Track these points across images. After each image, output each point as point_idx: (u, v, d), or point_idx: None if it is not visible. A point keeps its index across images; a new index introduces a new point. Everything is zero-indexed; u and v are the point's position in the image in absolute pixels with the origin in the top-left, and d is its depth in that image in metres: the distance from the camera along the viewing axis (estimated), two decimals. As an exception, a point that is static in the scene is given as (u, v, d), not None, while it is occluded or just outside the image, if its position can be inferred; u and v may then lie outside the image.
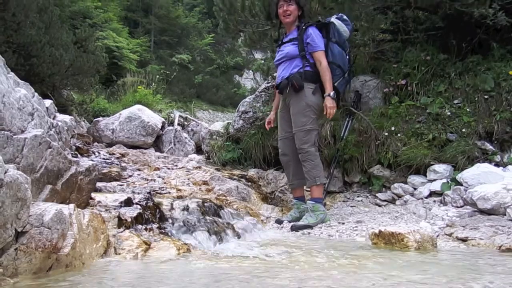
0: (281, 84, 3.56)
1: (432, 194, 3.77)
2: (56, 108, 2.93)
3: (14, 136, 2.13)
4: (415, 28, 4.60)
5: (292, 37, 3.56)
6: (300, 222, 3.35)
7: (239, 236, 2.97)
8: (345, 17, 3.66)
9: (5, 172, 1.60)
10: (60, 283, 1.63)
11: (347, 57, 3.64)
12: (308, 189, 3.56)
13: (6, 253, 1.64)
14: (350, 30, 3.69)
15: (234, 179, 4.36)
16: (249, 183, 4.42)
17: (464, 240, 2.74)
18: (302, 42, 3.47)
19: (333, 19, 3.59)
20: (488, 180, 3.35)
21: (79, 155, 4.72)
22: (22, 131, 2.28)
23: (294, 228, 3.28)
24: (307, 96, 3.41)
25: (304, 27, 3.50)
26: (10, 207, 1.60)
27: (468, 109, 3.99)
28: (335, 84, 3.48)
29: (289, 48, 3.54)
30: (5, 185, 1.57)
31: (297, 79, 3.42)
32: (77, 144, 5.38)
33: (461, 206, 3.41)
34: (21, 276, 1.65)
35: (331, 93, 3.37)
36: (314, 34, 3.46)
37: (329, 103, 3.37)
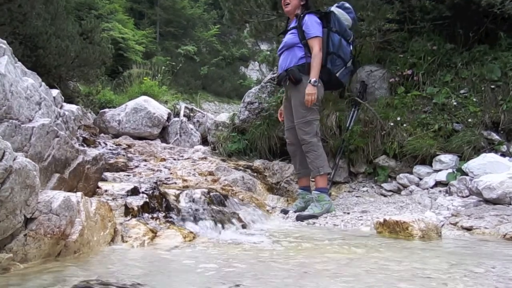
0: (279, 76, 3.58)
1: (437, 184, 3.77)
2: (63, 97, 2.95)
3: (22, 125, 2.15)
4: (421, 17, 4.57)
5: (292, 26, 3.56)
6: (305, 212, 3.37)
7: (244, 225, 2.99)
8: (347, 4, 3.62)
9: (14, 159, 1.62)
10: (68, 268, 1.66)
11: (350, 46, 3.60)
12: (313, 180, 3.58)
13: (15, 239, 1.67)
14: (353, 18, 3.64)
15: (240, 169, 4.38)
16: (255, 174, 4.44)
17: (469, 229, 2.74)
18: (302, 31, 3.45)
19: (333, 8, 3.57)
20: (494, 170, 3.34)
21: (86, 146, 4.75)
22: (30, 120, 2.30)
23: (299, 218, 3.30)
24: (306, 87, 3.38)
25: (302, 15, 3.49)
26: (19, 194, 1.63)
27: (474, 99, 3.97)
28: (337, 75, 3.48)
29: (288, 37, 3.55)
30: (14, 172, 1.59)
31: (294, 72, 3.42)
32: (83, 135, 5.42)
33: (467, 196, 3.41)
34: (31, 261, 1.68)
35: (312, 80, 3.32)
36: (309, 21, 3.44)
37: (308, 89, 3.32)
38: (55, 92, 2.92)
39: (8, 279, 1.47)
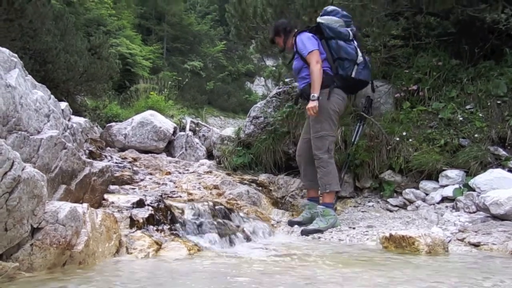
0: (296, 95, 3.81)
1: (444, 199, 3.73)
2: (71, 110, 2.98)
3: (30, 137, 2.18)
4: (426, 33, 4.60)
5: (293, 53, 3.67)
6: (310, 227, 3.35)
7: (249, 239, 2.98)
8: (328, 9, 3.64)
9: (23, 169, 1.64)
10: (73, 278, 1.66)
11: (353, 42, 3.55)
12: (321, 195, 3.58)
13: (22, 248, 1.68)
14: (343, 15, 3.61)
15: (245, 183, 4.37)
16: (260, 188, 4.43)
17: (476, 245, 2.71)
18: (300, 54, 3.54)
19: (318, 19, 3.61)
20: (501, 186, 3.31)
21: (92, 159, 4.78)
22: (38, 132, 2.33)
23: (304, 232, 3.28)
24: (319, 102, 3.35)
25: (295, 40, 3.58)
26: (26, 203, 1.64)
27: (480, 114, 3.96)
28: (353, 75, 3.46)
29: (294, 64, 3.68)
30: (22, 182, 1.61)
31: (306, 90, 3.49)
32: (90, 148, 5.46)
33: (474, 212, 3.37)
34: (36, 271, 1.69)
35: (311, 95, 3.35)
36: (299, 41, 3.51)
37: (309, 104, 3.37)
38: (63, 104, 2.96)
39: (17, 286, 1.48)
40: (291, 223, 3.51)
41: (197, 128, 8.52)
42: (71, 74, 7.44)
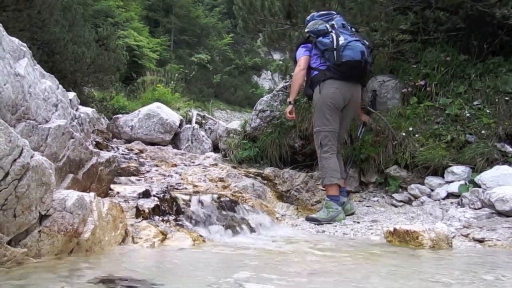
0: None
1: (449, 195, 3.73)
2: (79, 100, 3.01)
3: (39, 126, 2.21)
4: (435, 28, 4.56)
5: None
6: (313, 215, 3.48)
7: (253, 231, 3.00)
8: (308, 17, 3.79)
9: (31, 157, 1.66)
10: (80, 264, 1.69)
11: (331, 32, 3.57)
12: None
13: (30, 234, 1.70)
14: (319, 15, 3.72)
15: (250, 177, 4.39)
16: (265, 181, 4.45)
17: (480, 241, 2.71)
18: None
19: (305, 30, 3.74)
20: (507, 182, 3.30)
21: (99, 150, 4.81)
22: (47, 121, 2.35)
23: (307, 219, 3.45)
24: (314, 99, 3.59)
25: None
26: (35, 191, 1.67)
27: (488, 111, 3.94)
28: (335, 62, 3.48)
29: None
30: (31, 169, 1.64)
31: (305, 91, 3.78)
32: (97, 140, 5.49)
33: (479, 208, 3.37)
34: (44, 257, 1.71)
35: (288, 100, 3.68)
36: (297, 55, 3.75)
37: (287, 109, 3.76)
38: (71, 94, 2.99)
39: (25, 271, 1.50)
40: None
41: (203, 121, 8.55)
42: (78, 65, 7.49)
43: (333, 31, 3.57)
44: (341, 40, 3.48)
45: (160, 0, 25.38)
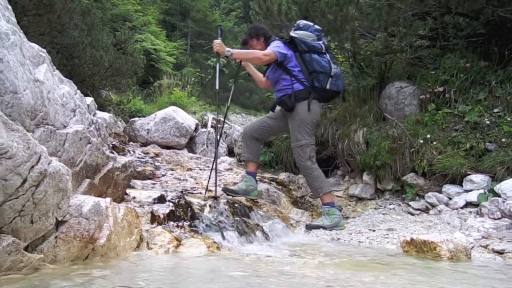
0: (274, 103, 3.96)
1: (468, 204, 3.65)
2: (96, 105, 3.04)
3: (57, 131, 2.23)
4: (454, 34, 4.49)
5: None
6: (315, 223, 3.52)
7: (267, 238, 2.99)
8: (301, 24, 3.70)
9: (49, 163, 1.68)
10: (95, 271, 1.70)
11: (326, 55, 3.65)
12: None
13: (46, 240, 1.72)
14: (316, 29, 3.68)
15: (265, 182, 4.38)
16: (280, 187, 4.43)
17: (500, 252, 2.64)
18: (277, 63, 3.62)
19: (291, 33, 3.66)
20: (528, 192, 3.22)
21: (115, 153, 4.86)
22: (64, 126, 2.38)
23: (309, 227, 3.46)
24: (299, 113, 3.55)
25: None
26: (52, 197, 1.68)
27: (509, 118, 3.85)
28: (327, 87, 3.59)
29: (270, 74, 3.81)
30: (48, 175, 1.65)
31: (286, 101, 3.59)
32: (113, 143, 5.55)
33: (499, 218, 3.29)
34: (60, 263, 1.73)
35: (226, 51, 3.60)
36: (270, 46, 3.62)
37: (215, 44, 3.68)
38: (89, 100, 3.02)
39: (41, 277, 1.51)
40: (225, 190, 3.67)
41: (218, 125, 8.55)
42: (96, 68, 7.59)
43: (327, 54, 3.68)
44: (334, 68, 3.63)
45: (177, 4, 25.61)
